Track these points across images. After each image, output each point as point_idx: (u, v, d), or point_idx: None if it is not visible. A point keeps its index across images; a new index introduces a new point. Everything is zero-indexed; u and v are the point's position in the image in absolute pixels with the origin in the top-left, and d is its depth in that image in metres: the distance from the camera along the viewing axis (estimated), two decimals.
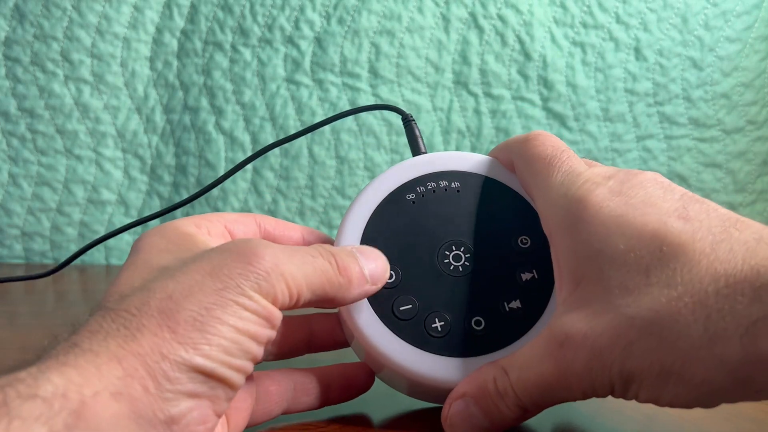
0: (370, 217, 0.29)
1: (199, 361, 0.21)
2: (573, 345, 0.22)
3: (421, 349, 0.27)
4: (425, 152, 0.33)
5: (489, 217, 0.29)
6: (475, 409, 0.25)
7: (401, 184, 0.30)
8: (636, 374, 0.21)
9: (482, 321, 0.27)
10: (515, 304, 0.27)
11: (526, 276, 0.28)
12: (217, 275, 0.22)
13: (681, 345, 0.20)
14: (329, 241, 0.31)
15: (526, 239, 0.29)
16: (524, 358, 0.24)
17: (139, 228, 0.72)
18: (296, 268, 0.24)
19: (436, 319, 0.27)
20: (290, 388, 0.29)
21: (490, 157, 0.31)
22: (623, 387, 0.22)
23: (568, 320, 0.23)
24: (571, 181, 0.25)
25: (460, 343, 0.27)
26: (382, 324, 0.27)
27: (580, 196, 0.24)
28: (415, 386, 0.28)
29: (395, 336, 0.27)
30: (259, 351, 0.23)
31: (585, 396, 0.23)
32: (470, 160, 0.30)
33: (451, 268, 0.28)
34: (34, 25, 0.70)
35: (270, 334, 0.23)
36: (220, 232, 0.28)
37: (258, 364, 0.24)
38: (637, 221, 0.23)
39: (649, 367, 0.21)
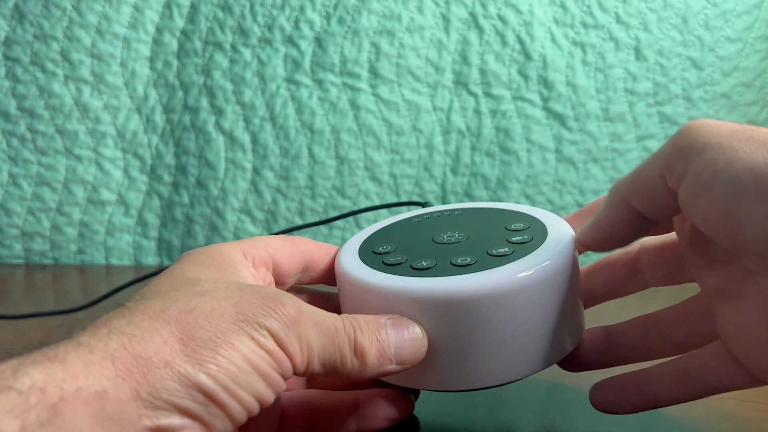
0: (379, 229, 0.32)
1: (203, 379, 0.20)
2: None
3: (403, 276, 0.27)
4: None
5: (487, 220, 0.32)
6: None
7: (411, 216, 0.33)
8: None
9: (468, 258, 0.28)
10: (502, 250, 0.28)
11: (517, 238, 0.29)
12: (241, 309, 0.22)
13: None
14: None
15: (520, 224, 0.30)
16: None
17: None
18: (314, 336, 0.23)
19: (424, 262, 0.28)
20: (310, 412, 0.28)
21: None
22: None
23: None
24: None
25: (442, 272, 0.27)
26: (370, 268, 0.28)
27: None
28: (405, 302, 0.27)
29: (380, 273, 0.28)
30: (266, 393, 0.22)
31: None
32: (477, 204, 0.34)
33: (444, 240, 0.30)
34: (34, 25, 0.70)
35: (279, 383, 0.22)
36: (264, 261, 0.28)
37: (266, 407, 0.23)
38: None
39: None
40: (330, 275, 0.31)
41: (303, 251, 0.30)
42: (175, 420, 0.20)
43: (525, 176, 0.69)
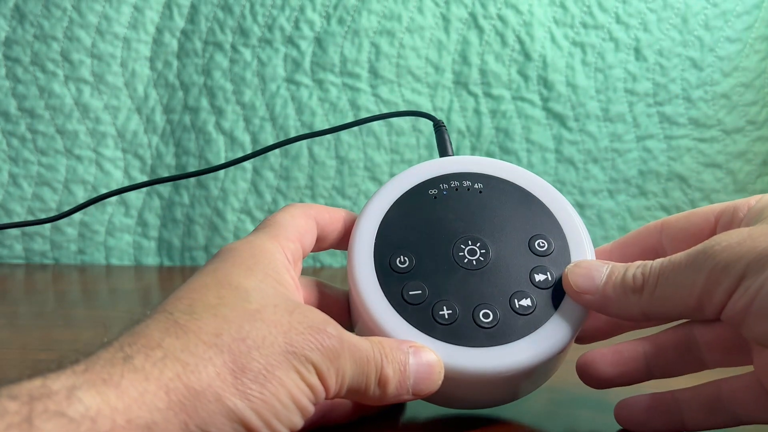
0: (391, 206, 0.30)
1: (250, 415, 0.21)
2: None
3: (426, 334, 0.27)
4: (453, 156, 0.34)
5: (508, 219, 0.30)
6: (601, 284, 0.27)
7: (425, 179, 0.31)
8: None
9: (490, 314, 0.27)
10: (526, 302, 0.27)
11: (539, 277, 0.28)
12: (290, 339, 0.23)
13: None
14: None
15: (543, 243, 0.29)
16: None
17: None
18: (349, 368, 0.24)
19: (444, 307, 0.27)
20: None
21: (515, 165, 0.32)
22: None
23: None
24: None
25: (466, 333, 0.27)
26: (390, 306, 0.28)
27: None
28: None
29: (402, 319, 0.27)
30: (299, 422, 0.23)
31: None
32: (496, 165, 0.31)
33: (465, 261, 0.29)
34: (34, 25, 0.70)
35: (311, 411, 0.23)
36: (298, 255, 0.29)
37: None
38: None
39: None
40: (338, 243, 0.31)
41: (318, 223, 0.30)
42: None
43: None
